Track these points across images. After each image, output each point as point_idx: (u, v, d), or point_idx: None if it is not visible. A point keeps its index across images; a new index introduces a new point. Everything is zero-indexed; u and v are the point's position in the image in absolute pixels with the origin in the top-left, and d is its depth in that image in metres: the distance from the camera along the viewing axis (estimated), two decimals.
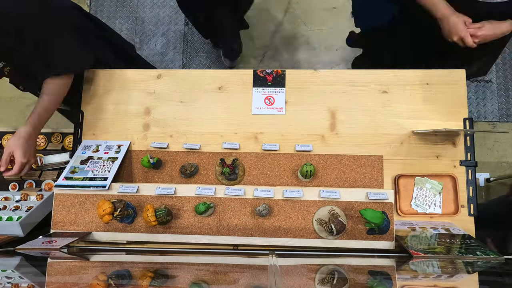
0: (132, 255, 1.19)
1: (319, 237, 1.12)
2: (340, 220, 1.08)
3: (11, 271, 0.96)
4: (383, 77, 1.30)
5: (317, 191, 1.15)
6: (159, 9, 2.65)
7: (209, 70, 1.37)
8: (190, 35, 2.59)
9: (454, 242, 1.04)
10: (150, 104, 1.35)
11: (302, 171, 1.16)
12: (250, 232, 1.15)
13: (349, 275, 0.97)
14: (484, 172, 2.24)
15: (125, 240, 1.19)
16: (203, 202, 1.12)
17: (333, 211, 1.12)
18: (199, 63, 2.55)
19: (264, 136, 1.29)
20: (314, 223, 1.13)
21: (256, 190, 1.16)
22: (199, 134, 1.31)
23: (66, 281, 0.87)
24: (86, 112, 1.37)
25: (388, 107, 1.27)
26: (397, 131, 1.26)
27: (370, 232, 1.11)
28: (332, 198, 1.14)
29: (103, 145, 1.31)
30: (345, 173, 1.22)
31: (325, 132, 1.28)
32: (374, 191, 1.14)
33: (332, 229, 1.06)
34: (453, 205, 1.19)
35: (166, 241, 1.17)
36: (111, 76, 1.38)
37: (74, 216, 1.20)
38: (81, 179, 1.21)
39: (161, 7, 2.65)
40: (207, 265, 1.07)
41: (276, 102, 1.31)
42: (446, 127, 1.24)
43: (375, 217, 1.03)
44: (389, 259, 1.09)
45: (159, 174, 1.27)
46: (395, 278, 0.94)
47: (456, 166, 1.22)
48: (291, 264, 1.06)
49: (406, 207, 1.20)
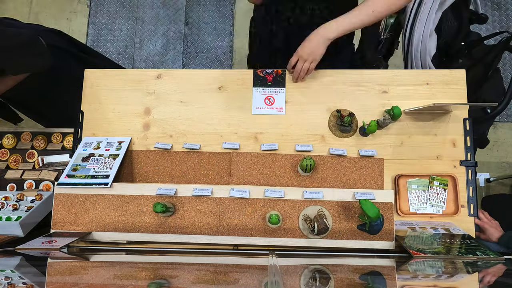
0: (132, 255, 1.19)
1: (303, 235, 1.13)
2: (325, 221, 1.09)
3: (11, 271, 0.96)
4: (383, 77, 1.30)
5: (300, 191, 1.15)
6: (159, 9, 2.65)
7: (209, 70, 1.37)
8: (190, 35, 2.59)
9: (454, 242, 1.04)
10: (150, 104, 1.35)
11: (302, 165, 1.17)
12: (250, 232, 1.15)
13: (349, 275, 0.97)
14: (484, 172, 2.24)
15: (125, 240, 1.19)
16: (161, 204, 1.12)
17: (321, 211, 1.13)
18: (199, 63, 2.55)
19: (264, 136, 1.29)
20: (300, 218, 1.13)
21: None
22: (199, 134, 1.31)
23: (66, 281, 0.87)
24: (86, 112, 1.37)
25: (388, 107, 1.27)
26: (397, 131, 1.26)
27: (360, 227, 1.11)
28: (317, 199, 1.14)
29: (104, 142, 1.31)
30: (345, 174, 1.22)
31: (325, 132, 1.28)
32: (361, 191, 1.15)
33: (314, 227, 1.07)
34: (453, 205, 1.19)
35: (166, 241, 1.17)
36: (111, 76, 1.38)
37: (74, 216, 1.20)
38: (83, 176, 1.21)
39: (161, 7, 2.65)
40: (207, 265, 1.07)
41: (276, 102, 1.31)
42: (446, 127, 1.24)
43: (372, 211, 1.02)
44: (389, 259, 1.09)
45: (159, 174, 1.27)
46: (395, 278, 0.94)
47: (456, 166, 1.22)
48: (291, 264, 1.06)
49: (406, 207, 1.20)
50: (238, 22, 2.58)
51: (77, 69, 1.40)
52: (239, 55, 2.54)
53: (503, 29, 2.44)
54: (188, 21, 2.60)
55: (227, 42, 2.55)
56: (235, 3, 2.61)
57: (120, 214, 1.18)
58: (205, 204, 1.17)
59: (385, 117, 1.20)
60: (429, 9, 1.28)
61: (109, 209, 1.19)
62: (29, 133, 1.49)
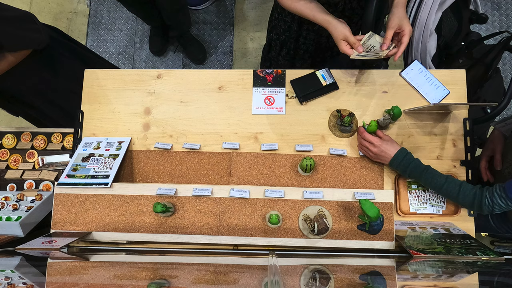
0: (132, 255, 1.19)
1: (303, 235, 1.13)
2: (325, 221, 1.09)
3: (11, 271, 0.96)
4: (383, 77, 1.30)
5: (300, 191, 1.15)
6: None
7: (209, 70, 1.37)
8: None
9: (454, 242, 1.04)
10: (150, 104, 1.35)
11: (302, 165, 1.17)
12: (250, 232, 1.15)
13: (349, 275, 0.97)
14: None
15: (125, 240, 1.19)
16: (161, 204, 1.12)
17: (321, 211, 1.13)
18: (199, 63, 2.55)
19: (264, 136, 1.29)
20: (300, 218, 1.13)
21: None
22: (199, 134, 1.31)
23: (66, 281, 0.87)
24: (86, 112, 1.37)
25: (388, 107, 1.27)
26: (397, 131, 1.26)
27: (360, 227, 1.11)
28: (317, 199, 1.14)
29: (104, 142, 1.31)
30: (345, 174, 1.22)
31: (325, 132, 1.28)
32: (361, 191, 1.15)
33: (314, 227, 1.07)
34: (453, 205, 1.19)
35: (166, 241, 1.17)
36: (111, 76, 1.38)
37: (74, 216, 1.20)
38: (83, 176, 1.21)
39: None
40: (207, 265, 1.07)
41: (276, 102, 1.31)
42: (446, 127, 1.24)
43: (372, 211, 1.02)
44: (389, 259, 1.09)
45: (159, 174, 1.27)
46: (395, 278, 0.94)
47: (456, 166, 1.22)
48: (291, 264, 1.06)
49: (406, 207, 1.20)
50: (238, 22, 2.58)
51: (73, 60, 1.43)
52: (239, 55, 2.54)
53: (503, 29, 2.44)
54: None
55: (227, 42, 2.55)
56: (235, 3, 2.61)
57: (120, 214, 1.18)
58: (205, 204, 1.17)
59: (385, 117, 1.20)
60: (429, 9, 1.28)
61: (109, 209, 1.19)
62: (29, 133, 1.49)
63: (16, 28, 1.28)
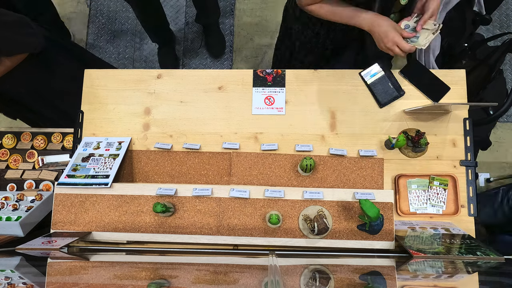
0: (132, 255, 1.19)
1: (303, 235, 1.13)
2: (325, 221, 1.09)
3: (11, 271, 0.96)
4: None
5: (300, 191, 1.15)
6: None
7: (209, 70, 1.37)
8: (190, 35, 2.59)
9: (454, 242, 1.04)
10: (150, 104, 1.35)
11: (302, 165, 1.17)
12: (250, 232, 1.15)
13: (349, 275, 0.97)
14: (484, 172, 2.24)
15: (125, 240, 1.19)
16: (161, 204, 1.12)
17: (321, 211, 1.13)
18: (199, 63, 2.55)
19: (264, 136, 1.29)
20: (300, 218, 1.13)
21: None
22: (199, 134, 1.31)
23: (66, 281, 0.87)
24: (86, 112, 1.37)
25: (388, 106, 1.27)
26: (397, 131, 1.26)
27: (360, 227, 1.11)
28: (317, 199, 1.14)
29: (104, 142, 1.31)
30: (345, 174, 1.22)
31: (325, 132, 1.28)
32: (361, 191, 1.15)
33: (314, 227, 1.07)
34: (453, 205, 1.19)
35: (166, 241, 1.17)
36: (111, 76, 1.38)
37: (74, 216, 1.20)
38: (83, 176, 1.21)
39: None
40: (207, 265, 1.07)
41: (276, 102, 1.31)
42: (446, 127, 1.24)
43: (372, 211, 1.02)
44: (389, 259, 1.09)
45: (159, 174, 1.27)
46: (395, 278, 0.94)
47: (456, 166, 1.22)
48: (291, 264, 1.06)
49: (406, 207, 1.20)
50: (238, 22, 2.58)
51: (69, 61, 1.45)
52: (239, 55, 2.54)
53: (503, 29, 2.44)
54: (188, 21, 2.60)
55: (227, 41, 2.55)
56: (235, 3, 2.61)
57: (120, 214, 1.18)
58: (205, 204, 1.17)
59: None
60: None
61: (109, 209, 1.19)
62: (29, 133, 1.49)
63: (13, 33, 1.28)
